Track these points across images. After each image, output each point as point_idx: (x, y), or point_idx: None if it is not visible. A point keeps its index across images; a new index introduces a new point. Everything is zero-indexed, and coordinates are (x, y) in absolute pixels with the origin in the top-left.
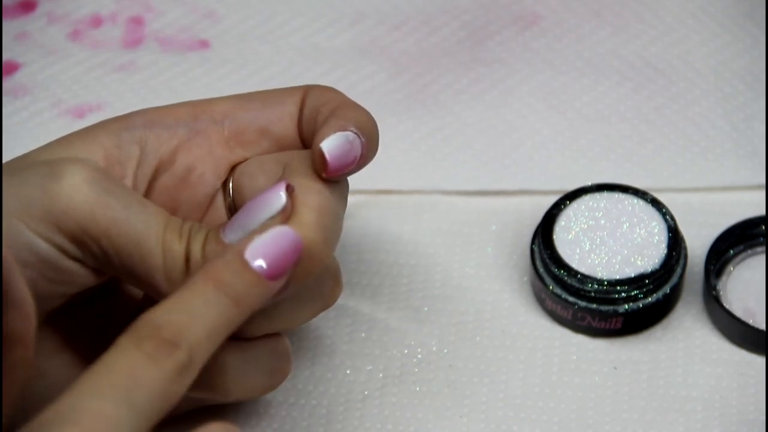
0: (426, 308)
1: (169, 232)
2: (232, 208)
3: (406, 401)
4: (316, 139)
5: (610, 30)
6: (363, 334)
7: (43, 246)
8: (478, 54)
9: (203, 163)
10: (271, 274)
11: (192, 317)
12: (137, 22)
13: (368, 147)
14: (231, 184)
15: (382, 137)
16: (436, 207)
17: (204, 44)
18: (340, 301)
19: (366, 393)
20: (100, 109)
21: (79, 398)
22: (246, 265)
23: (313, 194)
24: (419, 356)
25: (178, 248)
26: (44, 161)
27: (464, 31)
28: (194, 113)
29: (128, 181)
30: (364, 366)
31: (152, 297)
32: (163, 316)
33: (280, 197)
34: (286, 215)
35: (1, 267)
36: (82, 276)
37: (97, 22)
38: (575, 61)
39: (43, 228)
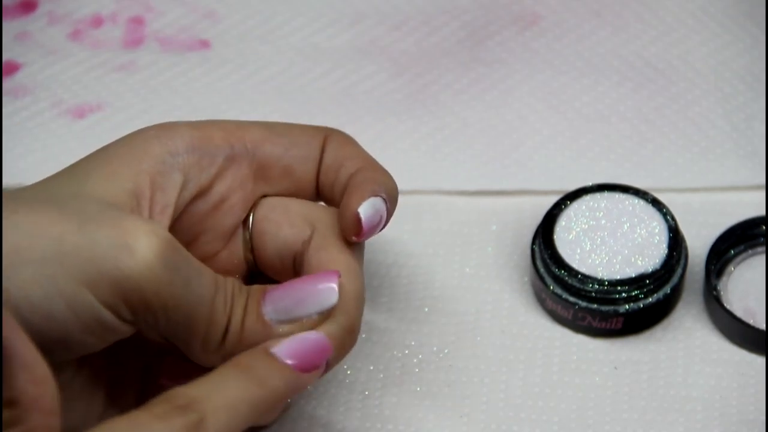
0: (426, 308)
1: (218, 302)
2: (249, 244)
3: (406, 401)
4: (352, 204)
5: (610, 30)
6: (363, 335)
7: (108, 316)
8: (478, 54)
9: (235, 194)
10: (300, 369)
11: (209, 390)
12: (137, 22)
13: (391, 211)
14: (252, 220)
15: (382, 137)
16: (436, 207)
17: (204, 44)
18: None
19: (366, 393)
20: (101, 109)
21: None
22: (274, 358)
23: (352, 278)
24: (419, 356)
25: (221, 320)
26: (114, 221)
27: (464, 31)
28: (230, 141)
29: (170, 209)
30: (364, 366)
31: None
32: (180, 391)
33: (333, 294)
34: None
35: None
36: (127, 332)
37: (97, 22)
38: (575, 61)
39: (111, 299)
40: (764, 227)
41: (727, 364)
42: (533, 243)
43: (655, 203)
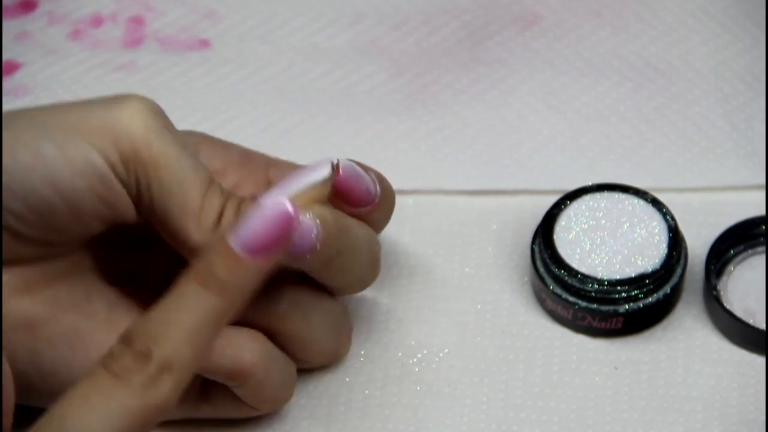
0: (426, 309)
1: (213, 186)
2: None
3: (406, 401)
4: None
5: (610, 30)
6: (363, 336)
7: (98, 159)
8: (478, 54)
9: (249, 185)
10: (256, 251)
11: (168, 320)
12: (137, 21)
13: (383, 204)
14: None
15: (382, 137)
16: (436, 207)
17: (204, 44)
18: None
19: (366, 393)
20: None
21: None
22: (228, 251)
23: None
24: (419, 356)
25: (216, 203)
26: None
27: (464, 31)
28: (246, 151)
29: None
30: (364, 366)
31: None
32: (139, 328)
33: (327, 168)
34: (326, 188)
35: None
36: (123, 204)
37: (97, 21)
38: (575, 61)
39: (100, 142)
40: (764, 227)
41: (727, 364)
42: (533, 243)
43: (655, 203)
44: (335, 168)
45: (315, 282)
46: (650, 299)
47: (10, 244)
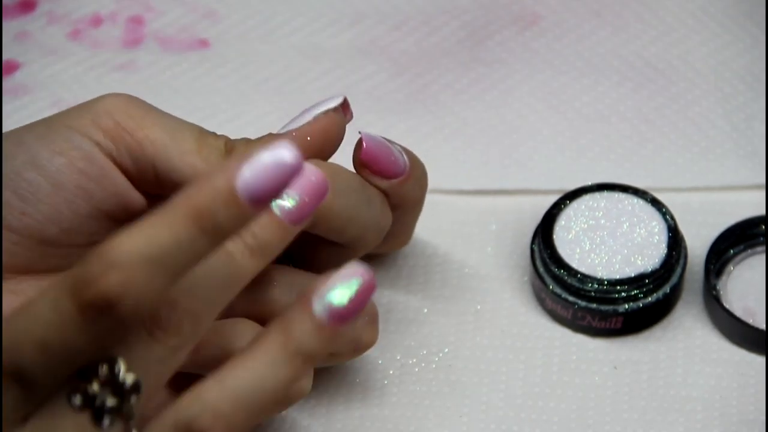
0: (426, 309)
1: (204, 133)
2: None
3: (406, 401)
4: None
5: (610, 30)
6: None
7: (77, 137)
8: (478, 54)
9: None
10: (262, 205)
11: (155, 263)
12: (137, 21)
13: (415, 175)
14: None
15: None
16: (436, 207)
17: (204, 44)
18: None
19: (366, 393)
20: None
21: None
22: (236, 198)
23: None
24: (419, 356)
25: (214, 143)
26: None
27: (464, 31)
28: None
29: None
30: (363, 366)
31: None
32: (117, 256)
33: (336, 100)
34: (339, 116)
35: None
36: (115, 180)
37: (97, 21)
38: (575, 61)
39: (79, 123)
40: (764, 227)
41: (727, 364)
42: (533, 243)
43: (655, 203)
44: (345, 104)
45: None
46: (650, 299)
47: (6, 244)
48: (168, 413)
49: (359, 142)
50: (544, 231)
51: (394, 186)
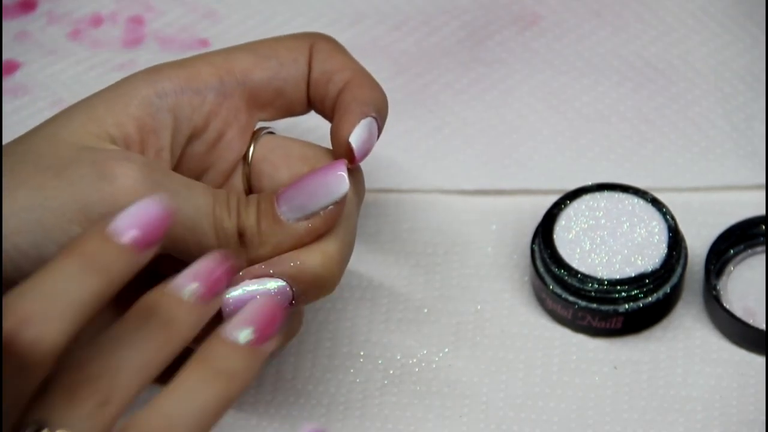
0: (426, 309)
1: (218, 210)
2: (250, 178)
3: (406, 401)
4: (342, 131)
5: (610, 30)
6: (363, 336)
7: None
8: (478, 54)
9: (231, 128)
10: (138, 244)
11: (47, 297)
12: (137, 21)
13: (381, 125)
14: (251, 154)
15: (382, 137)
16: (436, 207)
17: (204, 44)
18: (339, 303)
19: (366, 393)
20: None
21: None
22: (109, 235)
23: (341, 225)
24: (419, 356)
25: (229, 225)
26: (89, 160)
27: (464, 31)
28: (219, 75)
29: (165, 153)
30: (364, 366)
31: None
32: (9, 303)
33: (344, 182)
34: (345, 199)
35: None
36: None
37: (97, 21)
38: (575, 61)
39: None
40: (764, 227)
41: (727, 364)
42: (533, 242)
43: (655, 203)
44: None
45: None
46: (650, 299)
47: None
48: None
49: (350, 152)
50: (545, 231)
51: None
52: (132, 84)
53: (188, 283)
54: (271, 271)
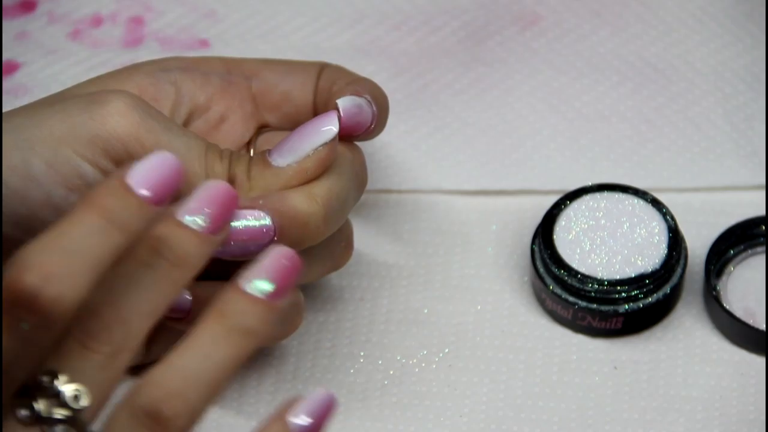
0: (426, 309)
1: (210, 155)
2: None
3: (406, 401)
4: (332, 100)
5: (610, 30)
6: (363, 337)
7: (89, 170)
8: (478, 54)
9: (235, 114)
10: (156, 200)
11: (68, 253)
12: (137, 21)
13: (380, 117)
14: (254, 148)
15: (382, 137)
16: (436, 207)
17: (204, 44)
18: (340, 304)
19: (366, 393)
20: None
21: None
22: (129, 189)
23: (330, 173)
24: (419, 356)
25: (219, 169)
26: (84, 93)
27: (464, 31)
28: (227, 66)
29: None
30: (364, 367)
31: None
32: (32, 257)
33: (333, 122)
34: (335, 143)
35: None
36: None
37: (97, 21)
38: (575, 61)
39: (90, 152)
40: (764, 227)
41: (727, 364)
42: (533, 243)
43: (655, 203)
44: (340, 120)
45: None
46: (650, 299)
47: None
48: (122, 405)
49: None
50: (545, 231)
51: (360, 136)
52: (138, 63)
53: (198, 210)
54: (261, 203)
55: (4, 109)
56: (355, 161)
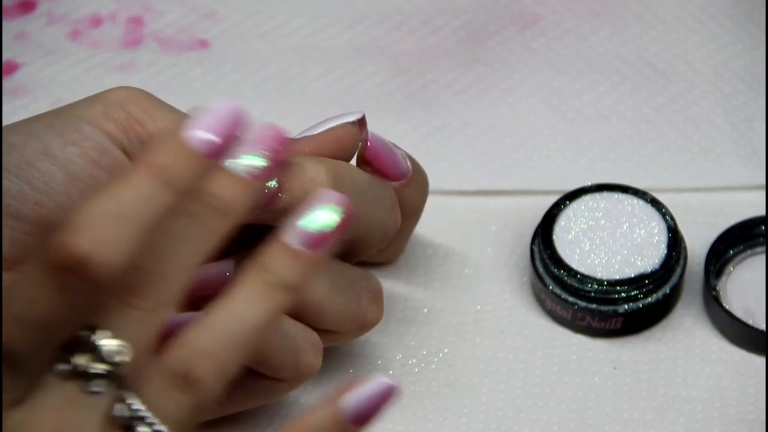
0: (426, 309)
1: None
2: None
3: (406, 401)
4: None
5: (610, 30)
6: (363, 337)
7: (89, 128)
8: (478, 54)
9: None
10: (216, 153)
11: (121, 218)
12: (137, 22)
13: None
14: None
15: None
16: (436, 207)
17: (203, 44)
18: None
19: None
20: None
21: None
22: (187, 147)
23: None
24: (419, 356)
25: None
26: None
27: (464, 31)
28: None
29: None
30: (363, 366)
31: None
32: (83, 220)
33: (355, 115)
34: (355, 129)
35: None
36: None
37: (96, 22)
38: (575, 61)
39: (91, 114)
40: (764, 227)
41: (727, 364)
42: (533, 243)
43: (655, 203)
44: (362, 121)
45: None
46: (650, 299)
47: (18, 235)
48: (158, 366)
49: (364, 141)
50: (544, 231)
51: (394, 189)
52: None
53: (254, 151)
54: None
55: (5, 110)
56: (385, 189)
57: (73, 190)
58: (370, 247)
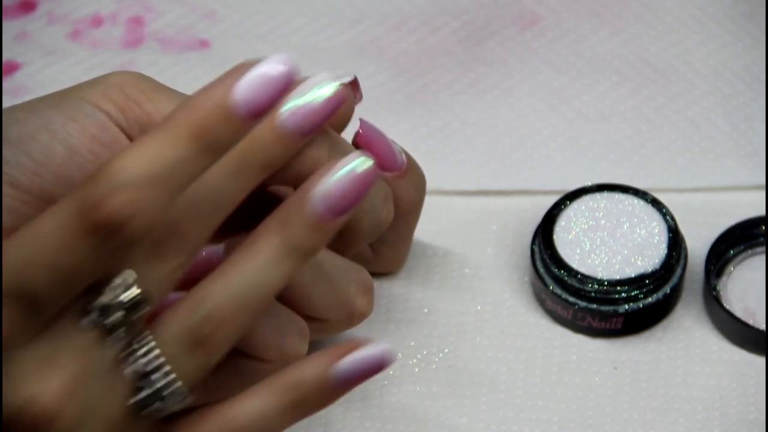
0: (426, 309)
1: None
2: None
3: (406, 401)
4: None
5: (610, 30)
6: (362, 337)
7: (89, 107)
8: (478, 54)
9: None
10: (258, 114)
11: (158, 180)
12: (137, 22)
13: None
14: None
15: None
16: (436, 207)
17: (204, 44)
18: None
19: (366, 393)
20: None
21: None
22: (232, 109)
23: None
24: (419, 356)
25: None
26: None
27: (464, 31)
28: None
29: None
30: None
31: None
32: (120, 178)
33: (347, 78)
34: (349, 92)
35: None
36: None
37: (97, 22)
38: (575, 61)
39: (91, 94)
40: (764, 227)
41: (727, 364)
42: (533, 243)
43: (655, 203)
44: (354, 82)
45: None
46: (650, 299)
47: (15, 204)
48: (172, 323)
49: (357, 129)
50: (545, 231)
51: (387, 179)
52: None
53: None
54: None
55: (4, 110)
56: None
57: (72, 164)
58: (361, 237)
